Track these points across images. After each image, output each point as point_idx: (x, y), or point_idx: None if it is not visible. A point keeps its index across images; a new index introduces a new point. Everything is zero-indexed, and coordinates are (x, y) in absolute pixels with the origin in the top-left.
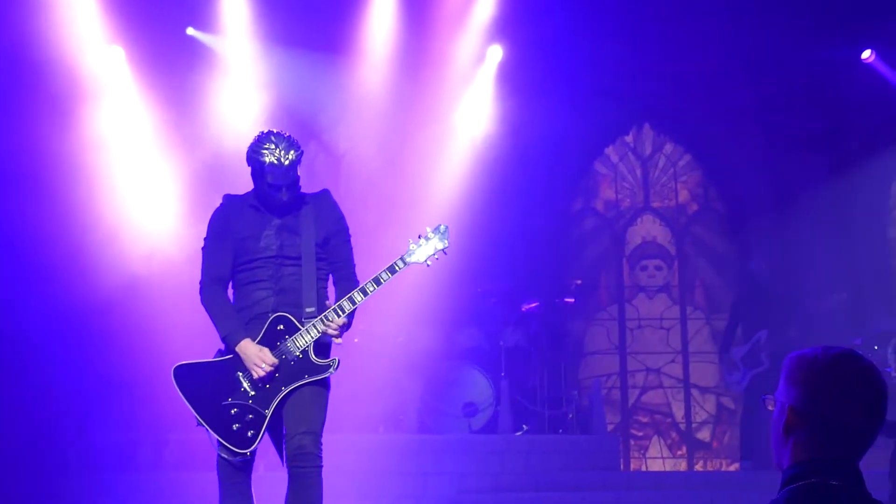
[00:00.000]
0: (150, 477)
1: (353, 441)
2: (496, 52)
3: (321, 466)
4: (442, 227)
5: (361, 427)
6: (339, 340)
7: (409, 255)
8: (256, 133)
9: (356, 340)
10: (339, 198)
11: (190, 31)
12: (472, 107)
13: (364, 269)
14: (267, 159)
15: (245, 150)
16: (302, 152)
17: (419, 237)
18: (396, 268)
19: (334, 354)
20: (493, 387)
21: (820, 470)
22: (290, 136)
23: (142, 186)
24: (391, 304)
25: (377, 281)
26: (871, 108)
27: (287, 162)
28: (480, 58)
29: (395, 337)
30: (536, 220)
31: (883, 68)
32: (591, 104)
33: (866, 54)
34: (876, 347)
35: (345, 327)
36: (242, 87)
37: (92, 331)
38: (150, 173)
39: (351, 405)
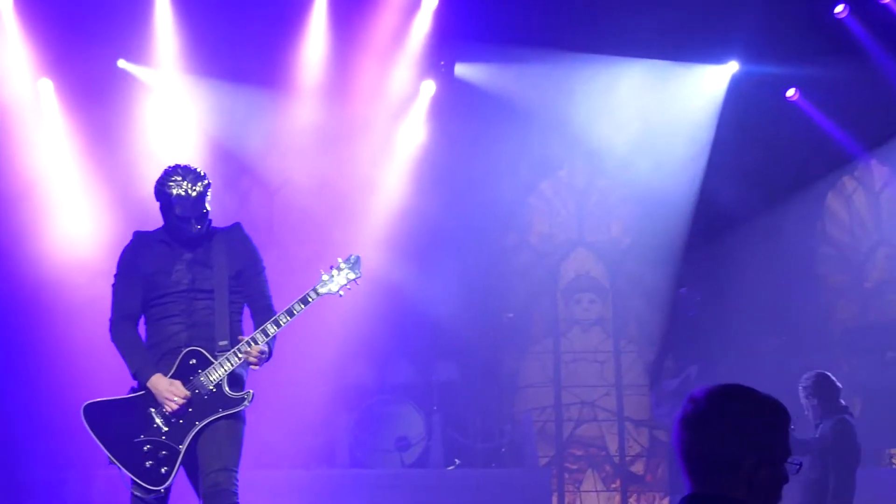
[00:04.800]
0: None
1: (284, 476)
2: (429, 87)
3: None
4: (353, 258)
5: (293, 462)
6: (255, 367)
7: (322, 285)
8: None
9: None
10: (274, 232)
11: (121, 63)
12: (405, 141)
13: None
14: (174, 191)
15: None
16: (209, 184)
17: (331, 268)
18: (309, 299)
19: (249, 387)
20: (426, 421)
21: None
22: (196, 169)
23: (72, 219)
24: (322, 337)
25: (290, 312)
26: (800, 145)
27: (195, 193)
28: (414, 91)
29: (327, 371)
30: (470, 254)
31: (808, 106)
32: (526, 139)
33: (790, 93)
34: None
35: (265, 357)
36: (174, 120)
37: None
38: (79, 206)
39: (282, 440)
